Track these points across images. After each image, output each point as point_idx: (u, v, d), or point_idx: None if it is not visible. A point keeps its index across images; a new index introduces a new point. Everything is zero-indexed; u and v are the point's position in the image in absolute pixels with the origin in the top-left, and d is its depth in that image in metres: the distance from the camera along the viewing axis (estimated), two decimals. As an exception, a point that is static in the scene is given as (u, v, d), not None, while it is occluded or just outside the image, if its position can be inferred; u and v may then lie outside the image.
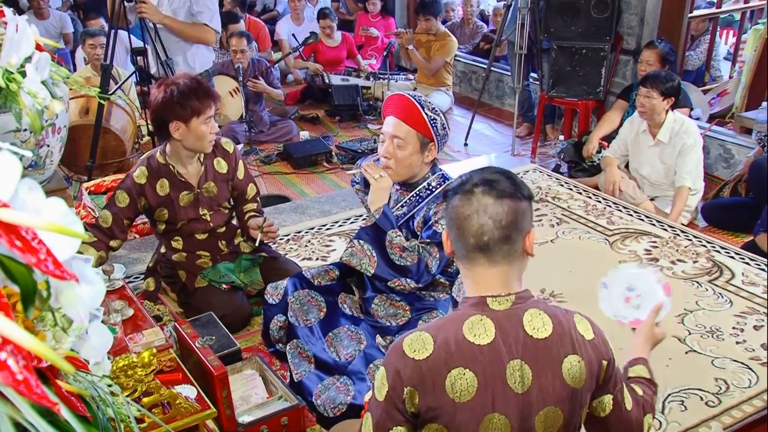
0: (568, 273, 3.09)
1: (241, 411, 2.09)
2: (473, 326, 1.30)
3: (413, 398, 1.29)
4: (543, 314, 1.33)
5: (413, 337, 1.31)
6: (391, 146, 2.24)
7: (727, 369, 2.44)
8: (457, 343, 1.28)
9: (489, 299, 1.33)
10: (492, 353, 1.28)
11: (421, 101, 2.23)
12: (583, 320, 1.38)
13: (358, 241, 2.30)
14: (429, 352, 1.28)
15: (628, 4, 4.71)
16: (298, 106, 6.14)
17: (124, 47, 5.22)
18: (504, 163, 4.48)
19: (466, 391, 1.27)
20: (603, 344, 1.37)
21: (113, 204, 2.64)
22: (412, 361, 1.28)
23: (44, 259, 0.57)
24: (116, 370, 1.60)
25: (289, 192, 4.43)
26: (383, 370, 1.33)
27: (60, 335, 0.69)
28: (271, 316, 2.50)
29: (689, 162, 3.65)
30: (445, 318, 1.39)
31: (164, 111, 2.50)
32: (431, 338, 1.30)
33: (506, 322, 1.31)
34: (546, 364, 1.30)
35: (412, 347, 1.29)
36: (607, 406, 1.41)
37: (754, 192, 3.74)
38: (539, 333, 1.31)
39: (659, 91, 3.59)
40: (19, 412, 0.56)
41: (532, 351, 1.30)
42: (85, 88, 1.75)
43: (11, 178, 0.58)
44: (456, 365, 1.27)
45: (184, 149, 2.60)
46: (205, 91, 2.54)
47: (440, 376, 1.27)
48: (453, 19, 7.25)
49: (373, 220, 2.29)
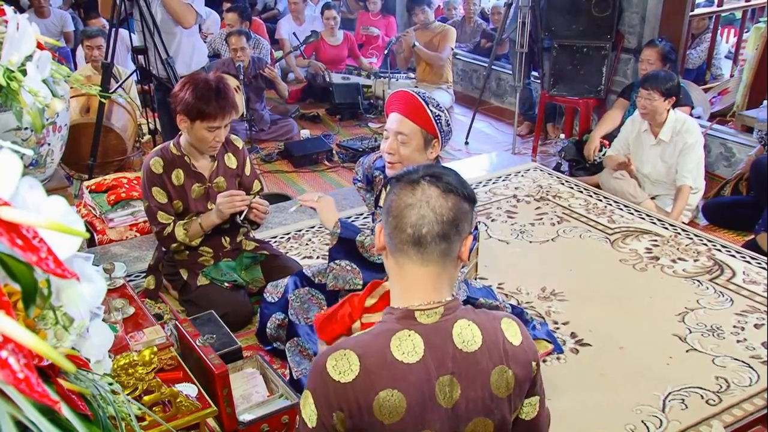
0: (568, 272, 3.09)
1: (242, 409, 2.09)
2: (401, 343, 1.23)
3: (342, 421, 1.22)
4: (472, 325, 1.27)
5: (337, 356, 1.23)
6: (395, 142, 2.23)
7: (728, 367, 2.44)
8: (385, 362, 1.22)
9: (417, 312, 1.25)
10: (421, 371, 1.23)
11: (425, 98, 2.23)
12: (511, 325, 1.32)
13: (335, 263, 2.30)
14: (355, 374, 1.21)
15: (629, 3, 4.70)
16: (299, 104, 6.14)
17: (125, 46, 5.22)
18: (505, 161, 4.48)
19: (395, 412, 1.22)
20: (530, 347, 1.33)
21: (156, 204, 2.63)
22: (338, 384, 1.21)
23: (45, 257, 0.57)
24: (117, 369, 1.60)
25: (289, 191, 4.43)
26: (309, 395, 1.25)
27: (61, 333, 0.69)
28: (268, 314, 2.50)
29: (690, 161, 3.65)
30: (372, 333, 1.29)
31: (174, 99, 2.53)
32: (357, 358, 1.22)
33: (435, 336, 1.25)
34: (475, 377, 1.26)
35: (336, 368, 1.22)
36: (534, 409, 1.37)
37: (755, 191, 3.74)
38: (469, 346, 1.26)
39: (660, 92, 3.59)
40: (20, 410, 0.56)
41: (462, 365, 1.25)
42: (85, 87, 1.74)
43: (12, 177, 0.58)
44: (384, 387, 1.21)
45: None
46: (222, 103, 2.49)
47: (368, 399, 1.21)
48: (454, 18, 7.25)
49: (337, 237, 2.28)
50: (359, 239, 2.27)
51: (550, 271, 3.08)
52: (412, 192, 1.26)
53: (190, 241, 2.68)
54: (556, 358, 2.51)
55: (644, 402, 2.28)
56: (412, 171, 1.31)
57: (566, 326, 2.69)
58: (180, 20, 3.95)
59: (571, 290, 2.93)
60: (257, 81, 5.24)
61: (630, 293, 2.91)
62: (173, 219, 2.66)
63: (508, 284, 2.98)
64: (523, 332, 1.33)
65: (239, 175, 2.80)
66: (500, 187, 3.98)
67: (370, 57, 6.83)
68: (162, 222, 2.65)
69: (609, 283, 3.00)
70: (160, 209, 2.64)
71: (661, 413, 2.22)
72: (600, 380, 2.39)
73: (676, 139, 3.67)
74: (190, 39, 4.16)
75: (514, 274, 3.06)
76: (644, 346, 2.56)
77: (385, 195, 1.33)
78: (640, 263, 3.14)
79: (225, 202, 2.61)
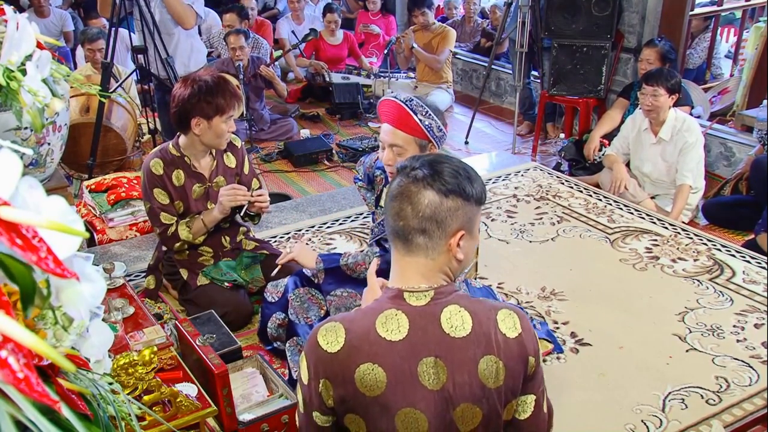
0: (568, 271, 3.09)
1: (242, 409, 2.09)
2: (387, 321, 1.28)
3: (328, 389, 1.30)
4: (463, 312, 1.29)
5: (328, 327, 1.31)
6: (391, 153, 2.22)
7: (728, 367, 2.44)
8: (368, 337, 1.27)
9: (406, 294, 1.30)
10: (404, 350, 1.27)
11: (412, 107, 2.17)
12: (509, 316, 1.32)
13: (331, 295, 2.40)
14: (340, 346, 1.28)
15: (629, 2, 4.70)
16: (299, 104, 6.14)
17: (125, 45, 5.22)
18: (505, 161, 4.48)
19: (375, 386, 1.26)
20: (529, 341, 1.32)
21: (159, 205, 2.63)
22: (325, 353, 1.28)
23: (45, 257, 0.57)
24: (117, 368, 1.60)
25: (289, 190, 4.43)
26: (304, 357, 1.34)
27: (61, 333, 0.69)
28: (269, 314, 2.51)
29: (690, 160, 3.65)
30: (362, 309, 1.37)
31: (188, 106, 2.52)
32: (344, 331, 1.29)
33: (421, 318, 1.29)
34: (462, 363, 1.27)
35: (325, 338, 1.29)
36: (528, 408, 1.36)
37: (755, 190, 3.74)
38: (457, 332, 1.28)
39: (665, 88, 3.60)
40: (20, 410, 0.56)
41: (448, 349, 1.27)
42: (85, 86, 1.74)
43: (12, 176, 0.58)
44: (364, 360, 1.26)
45: (200, 144, 2.63)
46: (231, 91, 2.57)
47: (350, 370, 1.27)
48: (454, 17, 7.25)
49: (322, 270, 2.40)
50: (342, 264, 2.36)
51: (550, 270, 3.08)
52: (398, 183, 1.31)
53: (194, 239, 2.68)
54: (556, 357, 2.51)
55: (644, 402, 2.28)
56: (410, 164, 1.33)
57: (566, 326, 2.69)
58: (181, 21, 3.95)
59: (571, 290, 2.93)
60: (256, 80, 5.24)
61: (630, 293, 2.91)
62: (176, 219, 2.66)
63: (508, 284, 2.98)
64: (524, 326, 1.32)
65: (238, 174, 2.81)
66: (500, 186, 3.98)
67: (370, 56, 6.83)
68: (165, 223, 2.65)
69: (609, 282, 3.00)
70: (163, 210, 2.64)
71: (661, 413, 2.22)
72: (600, 380, 2.39)
73: (677, 137, 3.67)
74: (188, 39, 4.16)
75: (514, 274, 3.06)
76: (644, 346, 2.56)
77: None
78: (640, 263, 3.14)
79: (227, 195, 2.63)
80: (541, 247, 3.31)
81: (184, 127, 2.59)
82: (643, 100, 3.70)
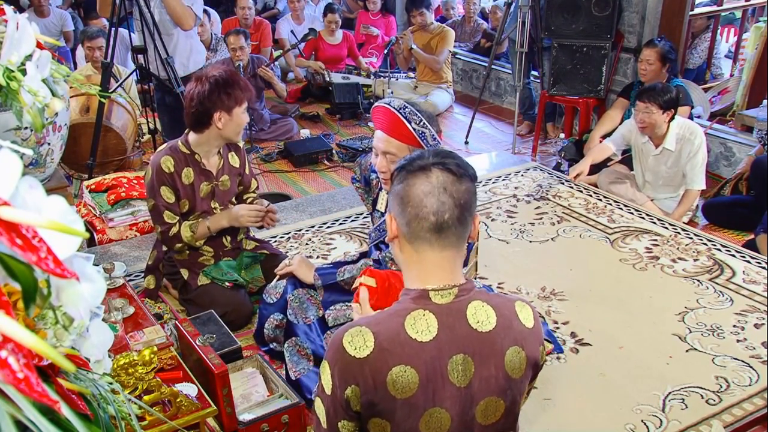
0: (568, 271, 3.09)
1: (242, 409, 2.09)
2: (416, 322, 1.27)
3: (357, 395, 1.27)
4: (487, 306, 1.31)
5: (353, 332, 1.27)
6: (385, 161, 2.20)
7: (728, 367, 2.44)
8: (399, 340, 1.26)
9: (432, 293, 1.29)
10: (434, 350, 1.26)
11: (406, 115, 2.15)
12: (525, 307, 1.36)
13: (332, 309, 2.40)
14: (370, 350, 1.25)
15: (629, 2, 4.70)
16: (299, 104, 6.13)
17: (125, 45, 5.22)
18: (505, 161, 4.48)
19: (408, 388, 1.25)
20: (541, 331, 1.37)
21: (164, 203, 2.63)
22: (353, 359, 1.25)
23: (45, 257, 0.57)
24: (117, 368, 1.60)
25: (289, 190, 4.43)
26: (326, 365, 1.30)
27: (61, 333, 0.69)
28: (266, 315, 2.51)
29: (697, 164, 3.60)
30: (387, 312, 1.33)
31: (209, 102, 2.52)
32: (372, 334, 1.26)
33: (449, 316, 1.28)
34: (489, 357, 1.29)
35: (352, 344, 1.26)
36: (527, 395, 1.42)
37: (755, 190, 3.74)
38: (483, 326, 1.29)
39: (658, 105, 3.51)
40: (20, 410, 0.56)
41: (476, 344, 1.28)
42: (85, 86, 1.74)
43: (12, 176, 0.58)
44: (397, 363, 1.25)
45: (220, 138, 2.63)
46: (243, 82, 2.61)
47: (381, 374, 1.24)
48: (454, 17, 7.25)
49: (321, 287, 2.41)
50: (339, 280, 2.38)
51: (550, 270, 3.08)
52: (426, 179, 1.29)
53: (196, 242, 2.68)
54: (556, 357, 2.51)
55: (644, 402, 2.28)
56: (418, 157, 1.33)
57: (566, 326, 2.69)
58: (180, 23, 3.96)
59: (571, 290, 2.93)
60: (256, 80, 5.23)
61: (630, 293, 2.91)
62: (178, 219, 2.66)
63: (508, 284, 2.98)
64: (535, 316, 1.37)
65: (241, 174, 2.82)
66: (500, 186, 3.98)
67: (370, 56, 6.83)
68: (168, 222, 2.64)
69: (609, 282, 3.00)
70: (168, 208, 2.63)
71: (661, 413, 2.22)
72: (600, 380, 2.39)
73: (683, 144, 3.61)
74: (188, 40, 4.16)
75: (514, 274, 3.06)
76: (644, 346, 2.56)
77: (393, 183, 1.35)
78: (640, 263, 3.14)
79: (248, 216, 2.68)
80: (541, 247, 3.31)
81: (204, 124, 2.57)
82: (637, 117, 3.63)
